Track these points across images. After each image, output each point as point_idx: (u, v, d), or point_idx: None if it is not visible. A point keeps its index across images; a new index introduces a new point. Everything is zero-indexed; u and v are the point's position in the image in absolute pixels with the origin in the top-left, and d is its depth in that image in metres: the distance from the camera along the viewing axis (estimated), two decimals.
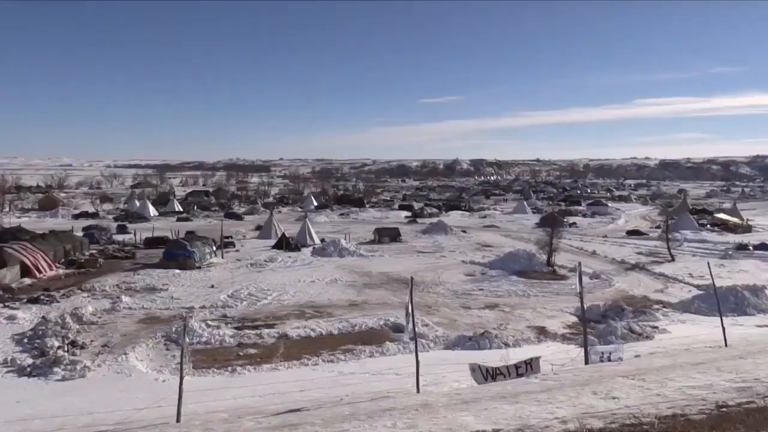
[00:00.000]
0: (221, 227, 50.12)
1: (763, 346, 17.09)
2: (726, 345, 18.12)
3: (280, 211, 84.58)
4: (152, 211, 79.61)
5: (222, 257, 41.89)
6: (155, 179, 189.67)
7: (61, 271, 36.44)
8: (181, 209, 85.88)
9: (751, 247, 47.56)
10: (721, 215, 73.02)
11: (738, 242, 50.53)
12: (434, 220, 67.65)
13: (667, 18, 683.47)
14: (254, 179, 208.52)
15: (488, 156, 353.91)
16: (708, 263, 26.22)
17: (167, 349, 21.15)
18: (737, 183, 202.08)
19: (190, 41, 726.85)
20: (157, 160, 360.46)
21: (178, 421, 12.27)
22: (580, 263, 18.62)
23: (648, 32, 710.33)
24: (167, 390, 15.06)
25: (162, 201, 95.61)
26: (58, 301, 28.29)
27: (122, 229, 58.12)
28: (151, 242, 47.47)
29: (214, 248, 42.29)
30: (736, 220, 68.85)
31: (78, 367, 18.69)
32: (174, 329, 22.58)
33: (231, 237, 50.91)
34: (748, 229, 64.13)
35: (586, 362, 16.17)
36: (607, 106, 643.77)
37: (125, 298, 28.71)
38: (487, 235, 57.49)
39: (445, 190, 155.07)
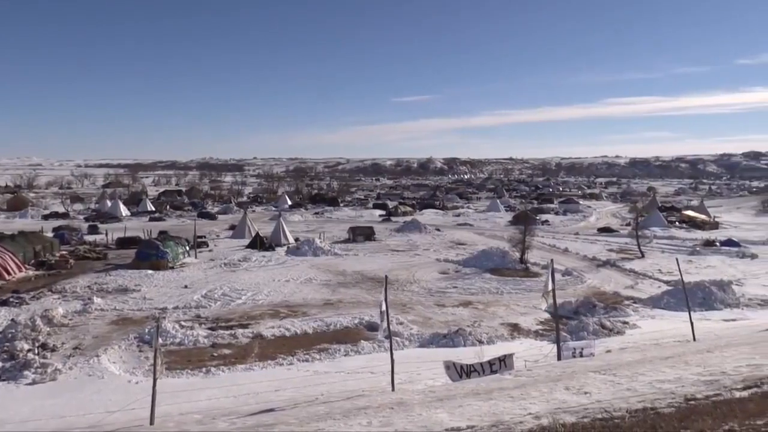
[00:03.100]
0: (194, 227, 49.62)
1: (730, 339, 17.52)
2: (694, 339, 18.53)
3: (253, 211, 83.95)
4: (124, 211, 78.42)
5: (195, 257, 41.49)
6: (127, 179, 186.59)
7: (30, 273, 35.72)
8: (154, 209, 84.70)
9: (717, 243, 48.61)
10: (689, 212, 74.49)
11: (705, 239, 51.64)
12: (408, 218, 67.78)
13: (634, 18, 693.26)
14: (228, 178, 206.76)
15: (462, 154, 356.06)
16: (677, 259, 26.80)
17: (140, 351, 20.90)
18: (704, 181, 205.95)
19: (162, 40, 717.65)
20: (129, 160, 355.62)
21: (151, 423, 12.17)
22: (552, 260, 18.85)
23: (617, 32, 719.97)
24: (140, 392, 14.91)
25: (134, 201, 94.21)
26: (27, 303, 27.74)
27: (93, 230, 57.17)
28: (124, 242, 46.81)
29: (188, 248, 41.87)
30: (703, 217, 70.28)
31: (49, 370, 18.37)
32: (147, 330, 22.33)
33: (204, 237, 50.45)
34: (715, 225, 65.52)
35: (559, 358, 16.39)
36: (579, 106, 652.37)
37: (97, 300, 28.27)
38: (461, 233, 57.80)
39: (419, 189, 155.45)
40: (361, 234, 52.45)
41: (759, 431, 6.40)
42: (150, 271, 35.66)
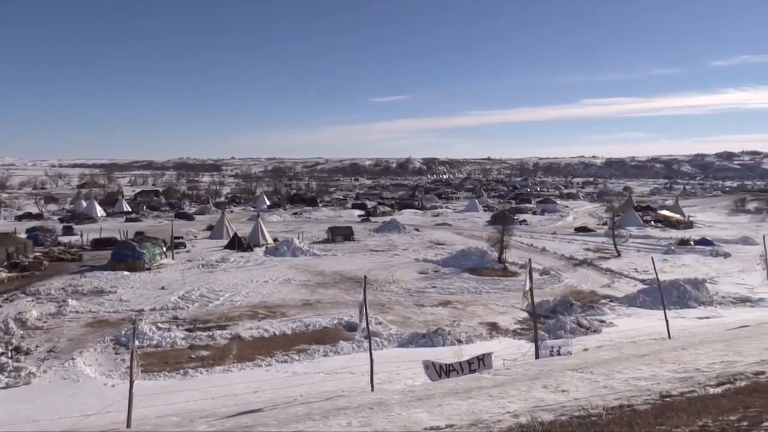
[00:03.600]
0: (171, 227, 49.18)
1: (704, 337, 17.79)
2: (669, 337, 18.77)
3: (231, 211, 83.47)
4: (99, 211, 77.66)
5: (172, 258, 41.11)
6: (102, 179, 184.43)
7: (3, 275, 35.05)
8: (130, 209, 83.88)
9: (692, 242, 49.38)
10: (664, 212, 75.59)
11: (680, 238, 52.42)
12: (387, 218, 67.86)
13: (611, 20, 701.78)
14: (205, 179, 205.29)
15: (440, 155, 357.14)
16: (652, 258, 27.22)
17: (116, 353, 20.67)
18: (679, 181, 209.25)
19: (137, 38, 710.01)
20: (105, 160, 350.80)
21: (128, 426, 12.03)
22: (530, 260, 19.00)
23: (594, 34, 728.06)
24: (117, 395, 14.74)
25: (110, 201, 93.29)
26: (0, 306, 27.28)
27: (68, 231, 56.43)
28: (99, 243, 46.25)
29: (165, 249, 41.47)
30: (678, 216, 71.35)
31: (22, 374, 18.09)
32: (123, 332, 22.08)
33: (182, 237, 50.00)
34: (689, 225, 66.56)
35: (537, 356, 16.51)
36: (556, 106, 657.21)
37: (72, 302, 27.88)
38: (440, 233, 57.99)
39: (398, 189, 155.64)
40: (340, 234, 52.39)
41: (732, 427, 6.51)
42: (126, 273, 35.29)
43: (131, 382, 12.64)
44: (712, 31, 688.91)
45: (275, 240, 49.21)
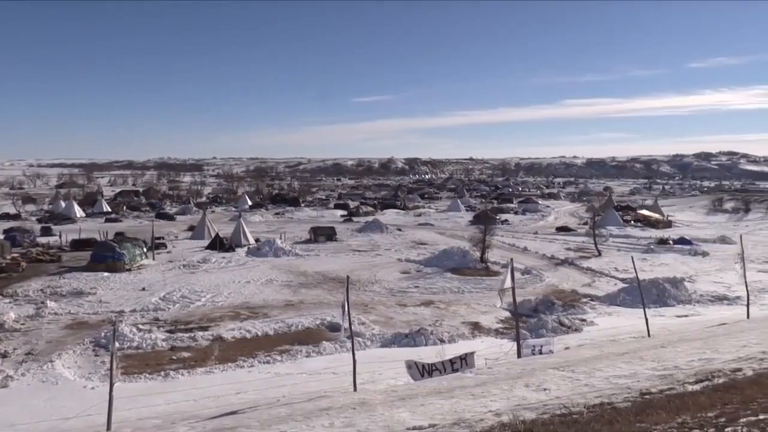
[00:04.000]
0: (152, 228, 48.73)
1: (682, 335, 18.02)
2: (649, 335, 18.99)
3: (213, 211, 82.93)
4: (79, 212, 76.71)
5: (153, 259, 40.75)
6: (82, 179, 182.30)
7: None
8: (110, 210, 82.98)
9: (671, 242, 49.98)
10: (644, 212, 76.47)
11: (659, 237, 53.04)
12: (370, 218, 67.83)
13: (591, 22, 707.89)
14: (186, 178, 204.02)
15: (422, 155, 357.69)
16: (632, 257, 27.48)
17: (96, 355, 20.43)
18: (658, 181, 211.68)
19: (116, 37, 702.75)
20: (84, 159, 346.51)
21: (108, 429, 11.91)
22: (512, 259, 19.09)
23: (574, 35, 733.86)
24: (97, 397, 14.58)
25: (89, 201, 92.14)
26: None
27: (47, 231, 55.67)
28: (78, 244, 45.69)
29: (145, 250, 41.08)
30: (657, 216, 72.20)
31: (0, 377, 17.84)
32: (103, 334, 21.84)
33: (162, 238, 49.57)
34: (668, 224, 67.38)
35: (519, 355, 16.61)
36: (537, 107, 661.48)
37: (50, 303, 27.51)
38: (422, 233, 58.10)
39: (380, 189, 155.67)
40: (323, 234, 52.29)
41: (710, 423, 6.60)
42: (106, 274, 34.93)
43: (111, 385, 12.51)
44: (689, 33, 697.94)
45: (257, 240, 48.98)
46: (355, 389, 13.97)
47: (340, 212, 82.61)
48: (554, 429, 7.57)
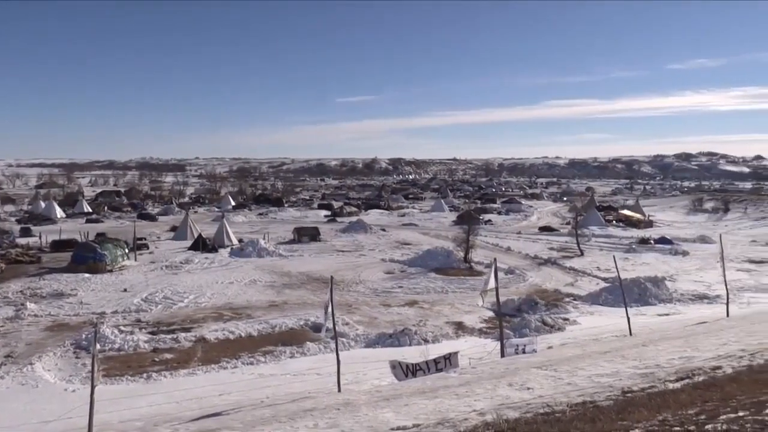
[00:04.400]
0: (134, 228, 48.32)
1: (663, 333, 18.21)
2: (630, 334, 19.16)
3: (196, 212, 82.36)
4: (59, 212, 75.95)
5: (135, 260, 40.40)
6: (62, 179, 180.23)
7: None
8: (91, 210, 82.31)
9: (652, 241, 50.50)
10: (625, 211, 77.23)
11: (640, 237, 53.58)
12: (354, 218, 67.81)
13: (573, 23, 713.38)
14: (169, 179, 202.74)
15: (406, 155, 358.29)
16: (614, 257, 27.77)
17: (77, 358, 20.22)
18: (639, 181, 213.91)
19: (95, 35, 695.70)
20: (64, 159, 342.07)
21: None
22: (495, 259, 19.18)
23: (557, 36, 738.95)
24: (78, 400, 14.43)
25: (69, 202, 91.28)
26: None
27: (26, 232, 54.99)
28: (59, 245, 45.16)
29: (127, 250, 40.70)
30: (638, 216, 72.95)
31: None
32: (84, 336, 21.61)
33: (144, 238, 49.15)
34: (649, 224, 68.08)
35: (502, 355, 16.68)
36: (520, 107, 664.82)
37: (30, 305, 27.16)
38: (406, 233, 58.17)
39: (364, 189, 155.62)
40: (306, 235, 52.17)
41: (690, 421, 6.68)
42: (87, 275, 34.57)
43: (92, 387, 12.36)
44: (670, 35, 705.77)
45: (240, 241, 48.74)
46: (339, 390, 13.96)
47: (323, 212, 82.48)
48: (537, 428, 7.61)
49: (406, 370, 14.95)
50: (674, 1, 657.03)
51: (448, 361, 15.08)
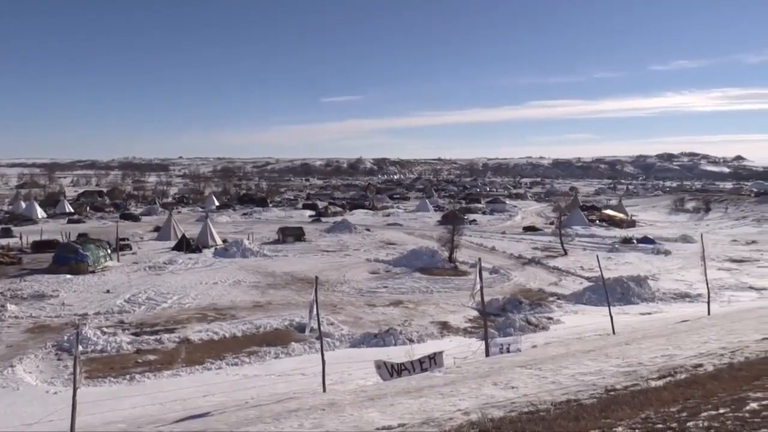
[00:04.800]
0: (117, 229, 47.83)
1: (646, 332, 18.38)
2: (614, 332, 19.33)
3: (179, 212, 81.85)
4: (40, 212, 75.04)
5: (118, 260, 40.06)
6: (43, 179, 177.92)
7: None
8: (72, 210, 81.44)
9: (635, 241, 50.94)
10: (609, 211, 77.82)
11: (623, 236, 54.06)
12: (338, 218, 67.71)
13: (556, 24, 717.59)
14: (152, 179, 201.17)
15: (391, 155, 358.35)
16: (597, 256, 27.96)
17: (59, 359, 20.01)
18: (622, 181, 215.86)
19: (78, 33, 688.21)
20: (45, 159, 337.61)
21: None
22: (480, 259, 19.27)
23: (541, 37, 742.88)
24: (60, 402, 14.29)
25: (51, 202, 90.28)
26: None
27: (6, 233, 54.27)
28: (40, 246, 44.62)
29: (109, 251, 40.33)
30: (621, 215, 73.58)
31: None
32: (66, 338, 21.39)
33: (127, 239, 48.68)
34: (632, 224, 68.65)
35: (487, 354, 16.75)
36: (504, 108, 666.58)
37: (11, 307, 26.82)
38: (391, 233, 58.20)
39: (349, 189, 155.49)
40: (291, 235, 52.02)
41: (672, 418, 6.75)
42: (69, 276, 34.21)
43: (74, 389, 12.25)
44: (652, 36, 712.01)
45: (225, 241, 48.49)
46: (324, 390, 13.94)
47: (308, 212, 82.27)
48: (522, 426, 7.65)
49: (391, 370, 14.96)
50: (657, 2, 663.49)
51: (433, 360, 15.12)
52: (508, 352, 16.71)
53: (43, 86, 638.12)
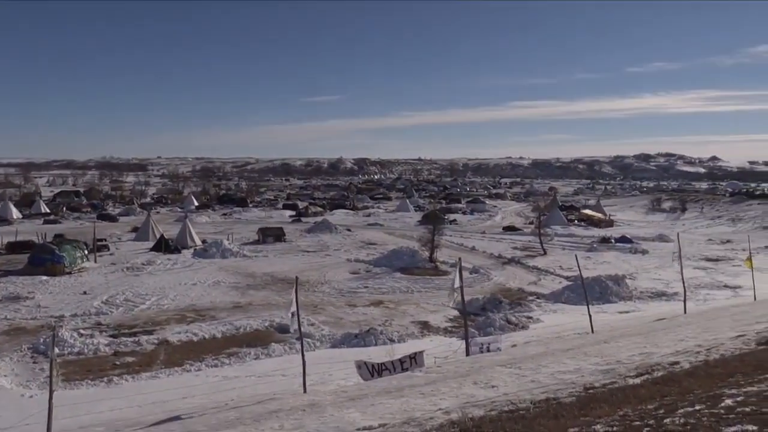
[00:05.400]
0: (94, 229, 47.28)
1: (624, 330, 18.58)
2: (592, 331, 19.50)
3: (158, 212, 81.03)
4: (15, 213, 73.72)
5: (95, 261, 39.56)
6: (18, 179, 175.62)
7: None
8: (49, 211, 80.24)
9: (613, 240, 51.51)
10: (587, 211, 78.61)
11: (602, 236, 54.60)
12: (319, 219, 67.51)
13: (535, 25, 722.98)
14: (130, 178, 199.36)
15: (372, 155, 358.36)
16: (576, 256, 28.23)
17: (35, 362, 19.71)
18: (601, 181, 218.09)
19: (53, 31, 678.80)
20: (21, 158, 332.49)
21: None
22: (460, 259, 19.33)
23: (520, 38, 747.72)
24: (35, 406, 14.08)
25: (26, 202, 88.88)
26: None
27: None
28: (15, 247, 43.91)
29: (86, 252, 39.81)
30: (600, 215, 74.35)
31: None
32: (42, 340, 21.07)
33: (105, 240, 48.17)
34: (610, 223, 69.41)
35: (467, 354, 16.81)
36: (484, 108, 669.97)
37: None
38: (372, 233, 58.19)
39: (329, 189, 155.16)
40: (271, 235, 51.77)
41: (650, 415, 6.82)
42: (45, 277, 33.73)
43: (51, 392, 12.07)
44: (630, 39, 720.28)
45: (204, 241, 48.10)
46: (304, 391, 13.89)
47: (288, 213, 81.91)
48: (502, 425, 7.69)
49: (371, 370, 14.95)
50: (634, 4, 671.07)
51: (413, 360, 15.14)
52: (489, 351, 16.78)
53: (18, 84, 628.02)
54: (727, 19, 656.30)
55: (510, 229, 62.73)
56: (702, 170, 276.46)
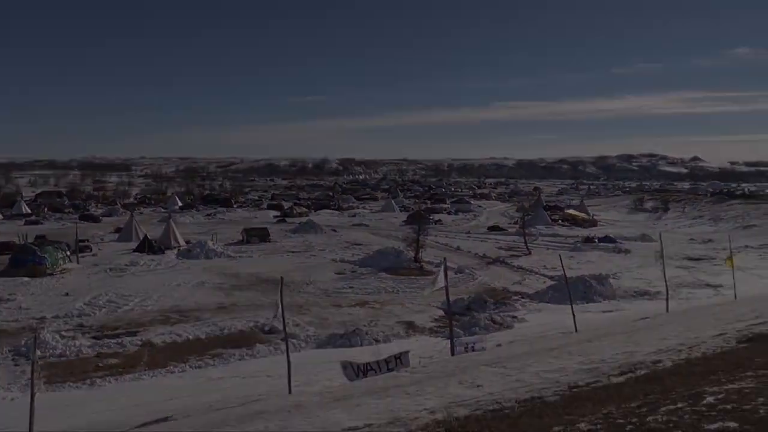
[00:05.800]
0: (76, 230, 46.84)
1: (607, 329, 18.71)
2: (576, 330, 19.61)
3: (141, 212, 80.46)
4: None
5: (77, 262, 39.19)
6: None
7: None
8: (30, 211, 79.41)
9: (596, 240, 51.88)
10: (571, 211, 79.08)
11: (585, 236, 54.98)
12: (304, 219, 67.39)
13: (520, 26, 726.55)
14: (113, 179, 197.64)
15: (357, 155, 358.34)
16: (560, 256, 28.26)
17: (16, 365, 19.49)
18: (584, 181, 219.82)
19: (35, 26, 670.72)
20: (1, 158, 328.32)
21: None
22: (445, 259, 19.36)
23: (504, 39, 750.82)
24: (16, 410, 13.90)
25: (7, 203, 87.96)
26: None
27: None
28: None
29: (69, 253, 39.41)
30: (583, 215, 74.85)
31: None
32: (23, 342, 20.84)
33: (87, 240, 47.72)
34: (594, 223, 69.91)
35: (453, 353, 16.84)
36: (468, 109, 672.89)
37: None
38: (357, 234, 58.14)
39: (314, 189, 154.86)
40: (256, 235, 51.57)
41: (633, 413, 6.89)
42: (26, 279, 33.38)
43: (32, 396, 11.93)
44: (613, 40, 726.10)
45: (188, 242, 47.84)
46: (290, 392, 13.84)
47: (273, 213, 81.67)
48: (487, 424, 7.72)
49: (357, 371, 14.94)
50: (618, 7, 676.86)
51: (399, 360, 15.15)
52: (473, 350, 16.83)
53: None
54: (707, 22, 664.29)
55: (495, 229, 62.94)
56: (684, 170, 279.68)
